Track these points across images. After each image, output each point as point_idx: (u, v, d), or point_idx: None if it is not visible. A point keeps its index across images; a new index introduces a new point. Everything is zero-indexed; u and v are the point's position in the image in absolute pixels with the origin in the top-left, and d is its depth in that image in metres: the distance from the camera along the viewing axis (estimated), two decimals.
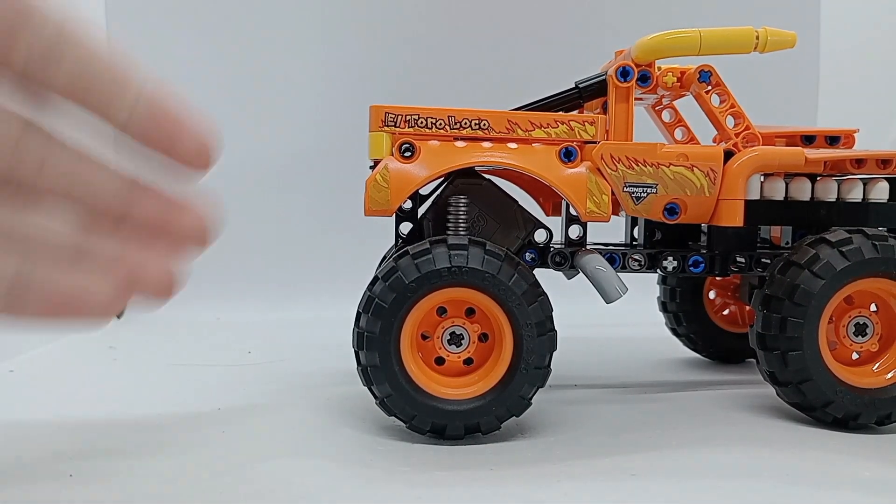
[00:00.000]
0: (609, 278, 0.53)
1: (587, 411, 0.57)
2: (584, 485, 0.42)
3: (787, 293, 0.51)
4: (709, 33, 0.56)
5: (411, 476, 0.43)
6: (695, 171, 0.54)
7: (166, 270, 0.31)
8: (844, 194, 0.57)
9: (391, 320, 0.47)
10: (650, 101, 0.65)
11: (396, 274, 0.48)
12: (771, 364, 0.52)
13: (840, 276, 0.51)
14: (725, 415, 0.56)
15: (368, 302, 0.48)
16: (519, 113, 0.54)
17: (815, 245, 0.52)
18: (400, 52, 1.08)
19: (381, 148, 0.52)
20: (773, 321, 0.52)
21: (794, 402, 0.53)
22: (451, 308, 0.50)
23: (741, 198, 0.55)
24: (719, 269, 0.57)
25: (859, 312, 0.53)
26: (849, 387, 0.52)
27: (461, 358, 0.50)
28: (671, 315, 0.75)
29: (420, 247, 0.48)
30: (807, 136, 0.62)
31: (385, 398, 0.48)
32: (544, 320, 0.48)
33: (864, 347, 0.54)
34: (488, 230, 0.55)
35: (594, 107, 0.60)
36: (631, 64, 0.56)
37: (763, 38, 0.56)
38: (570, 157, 0.53)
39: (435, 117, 0.52)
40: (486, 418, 0.49)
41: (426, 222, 0.55)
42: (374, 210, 0.51)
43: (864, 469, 0.45)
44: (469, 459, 0.46)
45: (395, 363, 0.48)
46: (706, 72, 0.58)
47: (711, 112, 0.58)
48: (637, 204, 0.54)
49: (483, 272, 0.48)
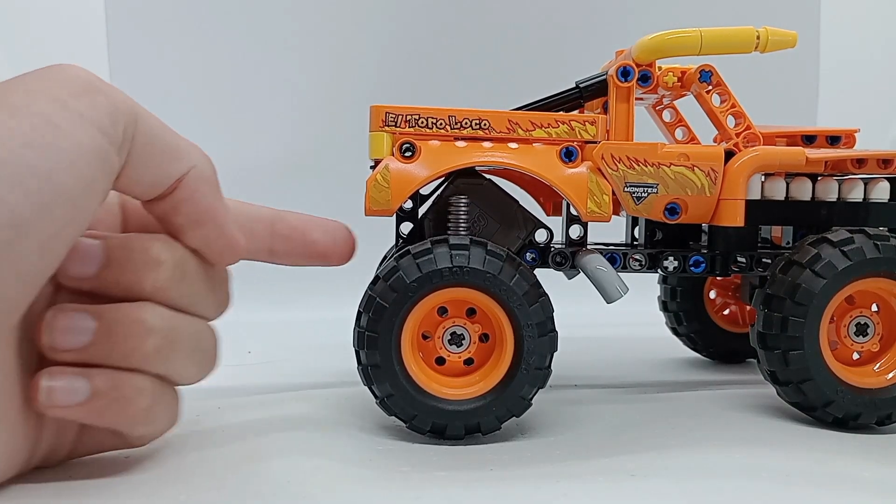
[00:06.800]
0: (610, 278, 0.53)
1: (587, 411, 0.57)
2: (584, 485, 0.42)
3: (788, 292, 0.51)
4: (709, 33, 0.56)
5: (411, 476, 0.43)
6: (696, 171, 0.54)
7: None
8: (845, 194, 0.57)
9: (392, 320, 0.47)
10: (651, 100, 0.65)
11: (398, 273, 0.47)
12: (772, 363, 0.52)
13: (842, 276, 0.51)
14: (725, 415, 0.56)
15: (369, 301, 0.48)
16: (519, 113, 0.54)
17: (816, 244, 0.52)
18: (401, 53, 1.08)
19: (381, 148, 0.52)
20: (775, 320, 0.51)
21: (794, 401, 0.53)
22: (452, 308, 0.50)
23: (742, 198, 0.54)
24: (720, 269, 0.57)
25: (860, 312, 0.53)
26: (849, 387, 0.51)
27: (462, 358, 0.50)
28: (671, 314, 0.75)
29: (421, 246, 0.48)
30: (807, 136, 0.62)
31: (385, 398, 0.48)
32: (545, 321, 0.48)
33: (864, 347, 0.53)
34: (489, 230, 0.55)
35: (594, 107, 0.60)
36: (632, 64, 0.56)
37: (764, 38, 0.56)
38: (571, 157, 0.53)
39: (435, 117, 0.52)
40: (487, 418, 0.49)
41: (427, 222, 0.55)
42: (374, 210, 0.51)
43: (864, 469, 0.45)
44: (469, 459, 0.46)
45: (396, 363, 0.48)
46: (707, 71, 0.58)
47: (712, 112, 0.58)
48: (638, 204, 0.54)
49: (484, 272, 0.47)
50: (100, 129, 0.36)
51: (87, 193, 0.36)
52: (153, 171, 0.40)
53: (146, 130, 0.39)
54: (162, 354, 0.40)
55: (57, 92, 0.36)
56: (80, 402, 0.38)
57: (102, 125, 0.37)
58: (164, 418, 0.42)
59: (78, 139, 0.36)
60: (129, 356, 0.39)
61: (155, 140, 0.40)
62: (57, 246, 0.36)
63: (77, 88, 0.37)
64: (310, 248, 0.50)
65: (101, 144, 0.37)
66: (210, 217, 0.42)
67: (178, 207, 0.42)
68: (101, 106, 0.37)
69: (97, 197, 0.37)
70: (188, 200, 0.41)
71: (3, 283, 0.34)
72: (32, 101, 0.36)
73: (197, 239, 0.43)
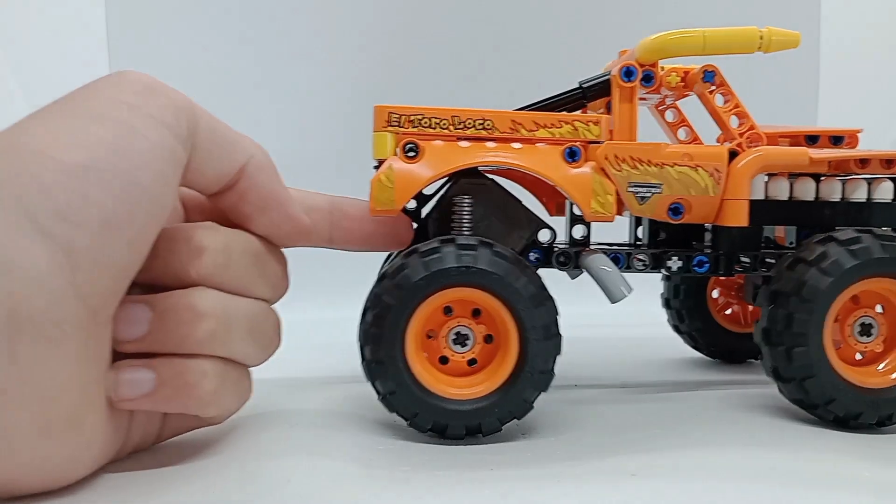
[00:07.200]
0: (614, 278, 0.53)
1: (587, 411, 0.57)
2: (584, 485, 0.42)
3: (794, 289, 0.51)
4: (713, 33, 0.55)
5: (411, 476, 0.43)
6: (699, 171, 0.54)
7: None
8: (848, 194, 0.57)
9: (398, 317, 0.47)
10: (653, 101, 0.65)
11: (405, 271, 0.47)
12: (775, 359, 0.52)
13: (848, 275, 0.51)
14: (726, 415, 0.56)
15: (376, 298, 0.48)
16: (523, 113, 0.54)
17: (823, 243, 0.52)
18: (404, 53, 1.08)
19: (385, 148, 0.52)
20: (780, 316, 0.51)
21: (795, 398, 0.53)
22: (457, 308, 0.49)
23: (746, 198, 0.54)
24: (724, 269, 0.56)
25: (865, 312, 0.53)
26: (852, 385, 0.51)
27: (465, 358, 0.50)
28: (674, 311, 0.75)
29: (429, 245, 0.48)
30: (810, 136, 0.62)
31: (388, 394, 0.48)
32: (550, 324, 0.48)
33: (868, 348, 0.53)
34: (493, 230, 0.55)
35: (597, 107, 0.60)
36: (635, 64, 0.56)
37: (767, 38, 0.56)
38: (575, 157, 0.53)
39: (439, 117, 0.52)
40: (488, 419, 0.48)
41: (431, 222, 0.55)
42: (378, 210, 0.51)
43: (864, 469, 0.45)
44: (469, 459, 0.46)
45: (400, 360, 0.47)
46: (710, 72, 0.58)
47: (715, 112, 0.58)
48: (642, 204, 0.54)
49: (491, 273, 0.47)
50: (168, 127, 0.39)
51: (163, 188, 0.39)
52: (215, 163, 0.43)
53: (205, 126, 0.42)
54: (217, 337, 0.41)
55: (127, 96, 0.39)
56: (146, 392, 0.40)
57: (169, 123, 0.39)
58: (233, 398, 0.45)
59: (152, 139, 0.38)
60: (184, 342, 0.40)
61: (214, 133, 0.43)
62: (142, 240, 0.39)
63: (142, 90, 0.40)
64: (368, 241, 0.53)
65: (170, 141, 0.39)
66: (274, 202, 0.46)
67: (244, 196, 0.45)
68: (165, 105, 0.40)
69: (171, 191, 0.40)
70: (252, 189, 0.45)
71: (98, 278, 0.36)
72: (111, 108, 0.38)
73: (264, 225, 0.46)
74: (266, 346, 0.47)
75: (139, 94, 0.39)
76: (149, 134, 0.38)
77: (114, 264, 0.37)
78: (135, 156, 0.37)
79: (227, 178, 0.44)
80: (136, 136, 0.38)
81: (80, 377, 0.37)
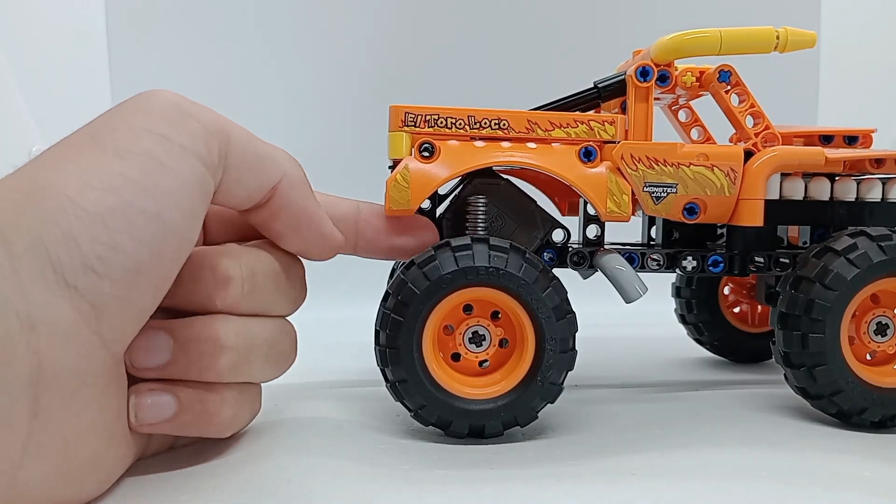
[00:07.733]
0: (629, 278, 0.53)
1: (589, 411, 0.56)
2: (584, 485, 0.41)
3: (819, 276, 0.51)
4: (729, 33, 0.55)
5: (412, 474, 0.42)
6: (715, 171, 0.54)
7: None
8: (864, 194, 0.57)
9: (420, 307, 0.47)
10: (667, 100, 0.65)
11: (434, 262, 0.47)
12: (789, 345, 0.52)
13: (874, 269, 0.51)
14: (726, 415, 0.56)
15: (401, 284, 0.47)
16: (538, 113, 0.54)
17: (855, 236, 0.52)
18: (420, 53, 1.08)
19: (400, 148, 0.52)
20: (800, 302, 0.51)
21: (801, 386, 0.52)
22: (478, 308, 0.49)
23: (761, 197, 0.54)
24: (738, 269, 0.56)
25: (883, 312, 0.53)
26: (861, 381, 0.51)
27: (478, 359, 0.49)
28: (683, 301, 0.75)
29: (462, 241, 0.48)
30: (825, 136, 0.62)
31: (397, 382, 0.47)
32: (569, 338, 0.48)
33: (881, 348, 0.53)
34: (507, 230, 0.54)
35: (612, 107, 0.60)
36: (650, 64, 0.56)
37: (783, 38, 0.56)
38: (590, 157, 0.53)
39: (455, 117, 0.52)
40: (493, 422, 0.48)
41: (445, 222, 0.55)
42: (394, 210, 0.50)
43: (864, 469, 0.44)
44: (470, 459, 0.46)
45: (415, 350, 0.47)
46: (726, 71, 0.57)
47: (731, 112, 0.58)
48: (657, 204, 0.54)
49: (520, 278, 0.47)
50: (199, 158, 0.38)
51: (191, 224, 0.38)
52: (246, 184, 0.41)
53: (237, 147, 0.40)
54: (238, 368, 0.41)
55: (156, 125, 0.37)
56: (167, 418, 0.40)
57: (200, 153, 0.38)
58: (247, 416, 0.45)
59: (182, 174, 0.37)
60: (205, 373, 0.40)
61: (246, 154, 0.41)
62: (168, 280, 0.38)
63: (173, 117, 0.38)
64: (392, 251, 0.52)
65: (200, 171, 0.38)
66: (307, 220, 0.45)
67: (277, 215, 0.44)
68: (196, 133, 0.38)
69: (199, 225, 0.39)
70: (285, 207, 0.44)
71: (123, 324, 0.36)
72: (137, 140, 0.36)
73: (297, 243, 0.45)
74: (282, 365, 0.46)
75: (169, 122, 0.38)
76: (178, 167, 0.37)
77: (139, 309, 0.36)
78: (163, 196, 0.36)
79: (258, 198, 0.43)
80: (165, 172, 0.36)
81: (101, 419, 0.36)
